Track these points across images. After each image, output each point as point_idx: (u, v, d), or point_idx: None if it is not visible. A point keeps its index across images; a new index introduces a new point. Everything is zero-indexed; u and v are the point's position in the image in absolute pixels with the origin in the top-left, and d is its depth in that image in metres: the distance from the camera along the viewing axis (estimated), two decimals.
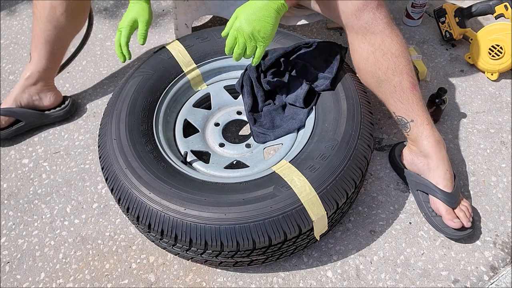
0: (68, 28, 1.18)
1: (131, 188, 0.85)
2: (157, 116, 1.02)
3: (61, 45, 1.20)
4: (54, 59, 1.21)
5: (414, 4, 1.47)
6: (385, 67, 0.94)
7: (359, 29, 0.94)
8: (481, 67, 1.33)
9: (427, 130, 0.97)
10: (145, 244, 1.02)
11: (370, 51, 0.95)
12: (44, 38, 1.15)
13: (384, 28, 0.93)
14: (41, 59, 1.18)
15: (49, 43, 1.17)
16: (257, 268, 0.97)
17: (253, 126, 1.07)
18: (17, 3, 1.74)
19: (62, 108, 1.27)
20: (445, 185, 0.97)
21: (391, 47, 0.94)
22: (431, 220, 1.00)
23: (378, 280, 0.94)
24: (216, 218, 0.80)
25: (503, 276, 0.94)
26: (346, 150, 0.88)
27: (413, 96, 0.96)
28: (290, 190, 0.83)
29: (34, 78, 1.20)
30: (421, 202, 1.02)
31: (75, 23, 1.20)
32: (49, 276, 0.98)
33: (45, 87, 1.23)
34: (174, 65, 1.08)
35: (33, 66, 1.19)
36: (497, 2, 1.31)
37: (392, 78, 0.95)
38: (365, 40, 0.95)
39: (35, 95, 1.22)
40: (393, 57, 0.94)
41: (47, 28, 1.14)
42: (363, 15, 0.93)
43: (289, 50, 1.04)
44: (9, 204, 1.12)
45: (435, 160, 0.98)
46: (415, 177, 1.03)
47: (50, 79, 1.24)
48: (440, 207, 0.97)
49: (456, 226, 0.95)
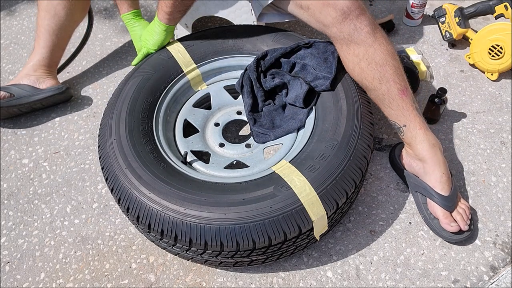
0: (67, 20, 1.24)
1: (131, 188, 0.85)
2: (157, 116, 1.02)
3: (61, 36, 1.26)
4: (54, 48, 1.26)
5: (414, 4, 1.47)
6: (371, 76, 0.94)
7: (342, 40, 0.95)
8: (481, 67, 1.33)
9: (420, 135, 0.97)
10: (145, 244, 1.02)
11: (355, 61, 0.95)
12: (44, 27, 1.22)
13: (366, 38, 0.93)
14: (42, 48, 1.24)
15: (48, 33, 1.23)
16: (257, 268, 0.97)
17: (253, 126, 1.07)
18: (17, 3, 1.74)
19: (56, 87, 1.28)
20: (441, 189, 0.97)
21: (374, 57, 0.93)
22: (429, 223, 1.00)
23: (378, 280, 0.94)
24: (216, 218, 0.80)
25: (503, 276, 0.94)
26: (346, 150, 0.88)
27: (403, 102, 0.96)
28: (290, 190, 0.83)
29: (35, 66, 1.25)
30: (419, 203, 1.02)
31: (73, 14, 1.25)
32: (49, 276, 0.98)
33: (45, 74, 1.27)
34: (174, 65, 1.08)
35: (34, 54, 1.25)
36: (497, 2, 1.31)
37: (379, 87, 0.95)
38: (350, 50, 0.95)
39: (35, 81, 1.26)
40: (377, 66, 0.93)
41: (46, 17, 1.20)
42: (344, 27, 0.93)
43: (289, 50, 1.04)
44: (9, 204, 1.12)
45: (430, 164, 0.98)
46: (414, 178, 1.03)
47: (50, 67, 1.28)
48: (437, 210, 0.97)
49: (453, 230, 0.95)
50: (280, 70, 1.05)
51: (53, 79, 1.29)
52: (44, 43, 1.25)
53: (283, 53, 1.04)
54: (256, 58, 1.05)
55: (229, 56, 1.12)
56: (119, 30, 1.60)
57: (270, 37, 1.11)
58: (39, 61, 1.26)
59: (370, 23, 0.93)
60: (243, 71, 1.08)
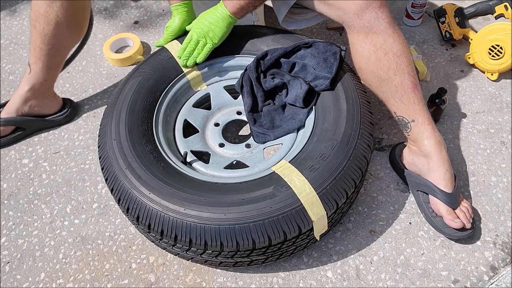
0: (70, 42, 1.20)
1: (131, 189, 0.85)
2: (157, 116, 1.02)
3: (61, 58, 1.21)
4: (55, 70, 1.21)
5: (414, 4, 1.47)
6: (386, 66, 0.95)
7: (361, 28, 0.94)
8: (481, 67, 1.33)
9: (428, 130, 0.97)
10: (145, 244, 1.02)
11: (372, 50, 0.95)
12: (46, 51, 1.14)
13: (386, 28, 0.94)
14: (43, 71, 1.17)
15: (50, 56, 1.16)
16: (257, 268, 0.97)
17: (253, 126, 1.07)
18: (17, 3, 1.74)
19: (63, 113, 1.28)
20: (445, 186, 0.97)
21: (392, 47, 0.94)
22: (431, 221, 1.00)
23: (378, 280, 0.94)
24: (216, 218, 0.80)
25: (503, 276, 0.93)
26: (346, 150, 0.88)
27: (415, 96, 0.96)
28: (290, 190, 0.83)
29: (36, 90, 1.20)
30: (421, 202, 1.02)
31: (77, 37, 1.21)
32: (49, 276, 0.98)
33: (46, 96, 1.24)
34: (173, 65, 1.08)
35: (34, 78, 1.18)
36: (497, 2, 1.31)
37: (393, 78, 0.95)
38: (367, 39, 0.95)
39: (37, 105, 1.23)
40: (394, 56, 0.94)
41: (50, 42, 1.12)
42: (365, 15, 0.93)
43: (289, 50, 1.04)
44: (9, 204, 1.12)
45: (435, 160, 0.98)
46: (415, 177, 1.03)
47: (50, 88, 1.25)
48: (440, 207, 0.97)
49: (457, 226, 0.95)
50: (280, 70, 1.05)
51: (53, 98, 1.26)
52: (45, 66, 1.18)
53: (283, 53, 1.04)
54: (256, 58, 1.05)
55: (229, 56, 1.12)
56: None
57: (270, 37, 1.11)
58: (41, 84, 1.20)
59: (389, 15, 0.95)
60: (243, 71, 1.08)
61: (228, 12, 1.03)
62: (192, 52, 1.07)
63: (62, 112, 1.28)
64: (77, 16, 1.13)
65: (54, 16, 1.08)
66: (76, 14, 1.12)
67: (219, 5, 1.04)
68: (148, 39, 1.56)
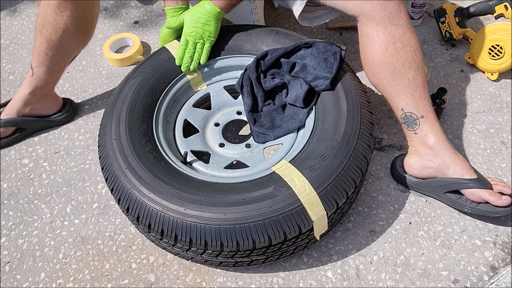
0: (76, 49, 1.20)
1: (131, 188, 0.85)
2: (157, 116, 1.02)
3: (65, 63, 1.21)
4: (57, 74, 1.21)
5: (414, 4, 1.47)
6: (403, 58, 0.96)
7: (382, 19, 0.95)
8: (481, 67, 1.33)
9: (437, 127, 0.98)
10: (145, 244, 1.02)
11: (391, 41, 0.95)
12: (51, 56, 1.13)
13: (405, 22, 0.96)
14: (45, 75, 1.17)
15: (55, 62, 1.16)
16: (257, 268, 0.97)
17: (253, 126, 1.07)
18: (17, 3, 1.74)
19: (63, 113, 1.28)
20: (470, 174, 0.96)
21: (410, 41, 0.96)
22: (477, 212, 0.97)
23: (378, 280, 0.94)
24: (216, 218, 0.80)
25: (503, 276, 0.94)
26: (346, 150, 0.88)
27: (425, 93, 0.98)
28: (290, 190, 0.83)
29: (37, 93, 1.20)
30: (455, 201, 1.00)
31: (83, 44, 1.21)
32: (49, 276, 0.98)
33: (47, 98, 1.24)
34: (174, 65, 1.08)
35: (36, 81, 1.17)
36: (497, 2, 1.31)
37: (408, 71, 0.96)
38: (386, 31, 0.95)
39: (37, 107, 1.23)
40: (411, 50, 0.96)
41: (56, 48, 1.12)
42: (389, 5, 0.94)
43: (289, 50, 1.04)
44: (9, 204, 1.12)
45: (450, 155, 0.97)
46: (437, 181, 1.00)
47: (52, 90, 1.24)
48: (481, 194, 0.95)
49: (507, 202, 0.94)
50: (280, 70, 1.05)
51: (54, 98, 1.26)
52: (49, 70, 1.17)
53: (283, 53, 1.04)
54: (256, 58, 1.05)
55: (229, 56, 1.12)
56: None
57: (270, 37, 1.11)
58: (43, 88, 1.20)
59: (407, 12, 0.97)
60: (243, 71, 1.08)
61: (217, 8, 1.03)
62: (193, 56, 1.07)
63: (62, 112, 1.28)
64: (86, 25, 1.14)
65: (62, 25, 1.08)
66: (85, 23, 1.13)
67: (206, 2, 1.04)
68: (148, 39, 1.56)
